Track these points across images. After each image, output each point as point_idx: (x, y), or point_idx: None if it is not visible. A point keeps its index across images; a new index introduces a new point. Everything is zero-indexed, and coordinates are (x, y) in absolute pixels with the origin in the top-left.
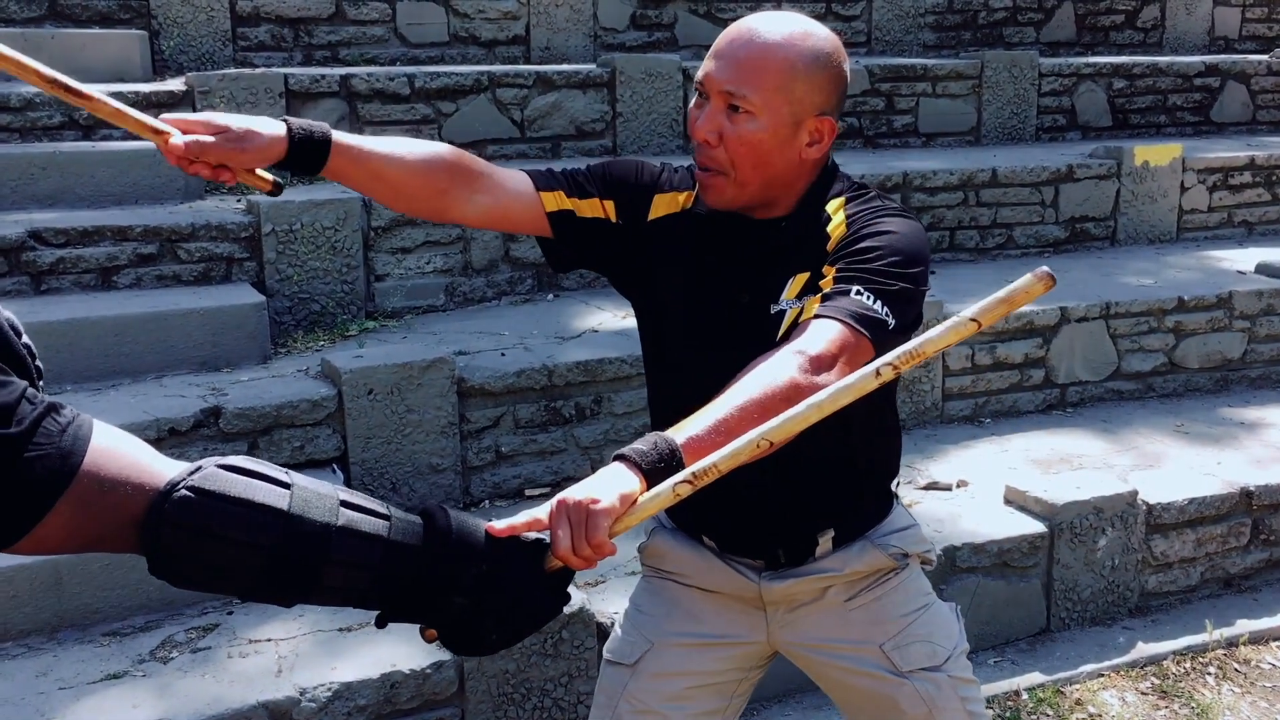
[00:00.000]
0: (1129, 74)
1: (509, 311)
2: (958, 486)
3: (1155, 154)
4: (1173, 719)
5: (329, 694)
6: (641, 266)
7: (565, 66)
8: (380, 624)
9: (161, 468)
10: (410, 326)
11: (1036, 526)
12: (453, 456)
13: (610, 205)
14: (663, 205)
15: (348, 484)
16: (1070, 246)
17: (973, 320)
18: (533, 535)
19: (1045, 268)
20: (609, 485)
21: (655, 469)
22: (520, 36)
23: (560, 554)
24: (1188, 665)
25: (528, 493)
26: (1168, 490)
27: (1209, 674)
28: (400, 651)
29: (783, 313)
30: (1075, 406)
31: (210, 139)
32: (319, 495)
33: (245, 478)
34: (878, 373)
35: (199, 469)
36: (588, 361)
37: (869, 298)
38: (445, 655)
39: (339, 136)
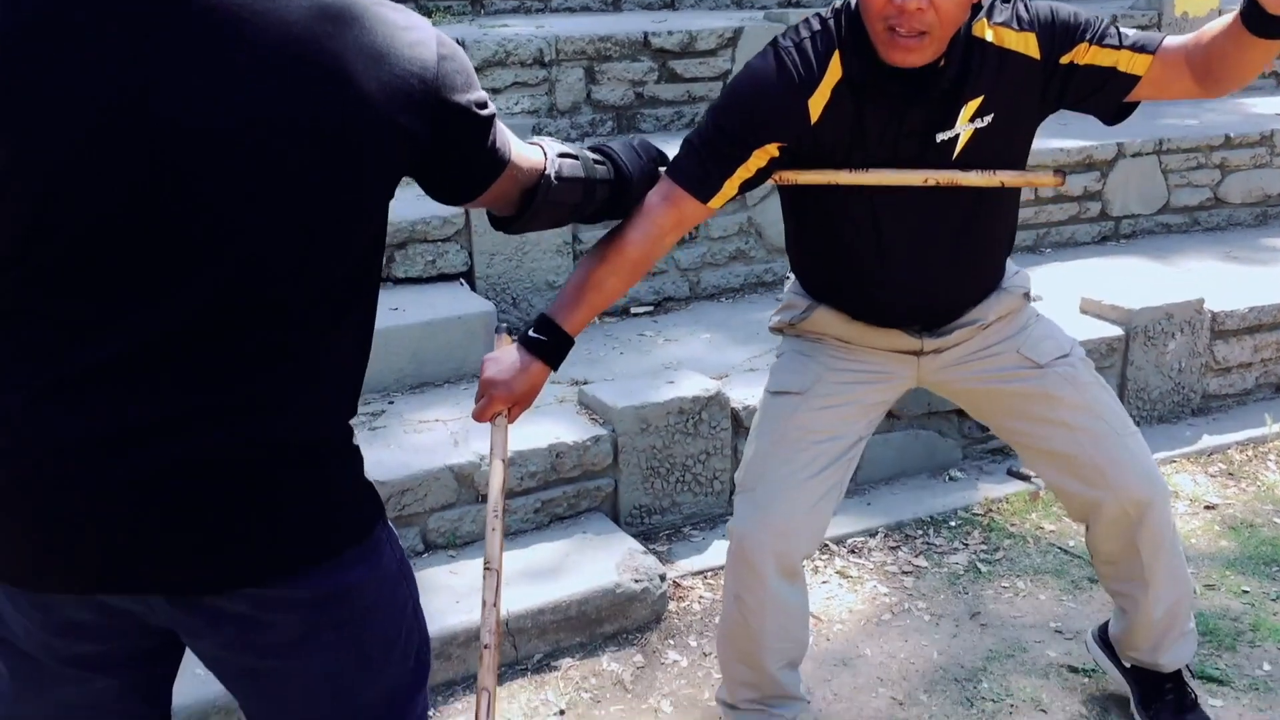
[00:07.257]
0: None
1: None
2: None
3: (1193, 5)
4: (1241, 495)
5: None
6: (815, 152)
7: None
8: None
9: (534, 156)
10: None
11: (1114, 330)
12: (566, 273)
13: (772, 147)
14: (819, 101)
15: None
16: None
17: None
18: None
19: None
20: None
21: None
22: None
23: None
24: (1250, 453)
25: (633, 310)
26: (1229, 299)
27: (1269, 460)
28: (561, 427)
29: (956, 137)
30: (1128, 239)
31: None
32: (588, 158)
33: (574, 159)
34: None
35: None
36: None
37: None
38: (603, 430)
39: (568, 322)
